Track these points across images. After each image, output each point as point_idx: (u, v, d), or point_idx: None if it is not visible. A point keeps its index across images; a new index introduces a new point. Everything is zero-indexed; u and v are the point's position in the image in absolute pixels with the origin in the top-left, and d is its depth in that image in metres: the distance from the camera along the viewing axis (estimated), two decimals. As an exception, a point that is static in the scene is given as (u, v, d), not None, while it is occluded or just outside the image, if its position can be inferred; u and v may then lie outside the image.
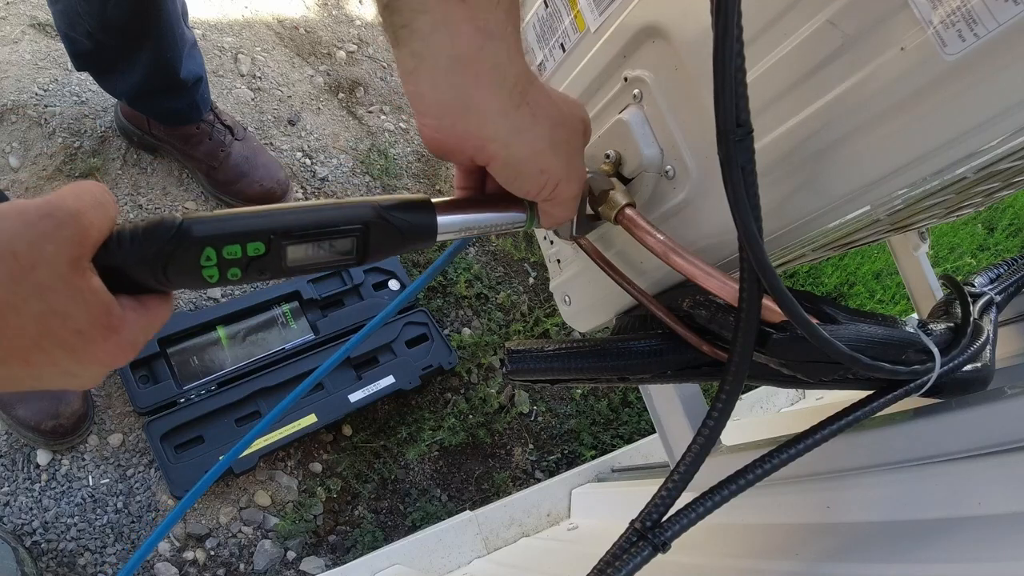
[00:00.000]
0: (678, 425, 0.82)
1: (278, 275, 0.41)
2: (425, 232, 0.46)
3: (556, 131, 0.45)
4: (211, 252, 0.38)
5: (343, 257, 0.43)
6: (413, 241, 0.45)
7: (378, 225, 0.43)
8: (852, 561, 0.56)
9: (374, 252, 0.43)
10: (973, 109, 0.37)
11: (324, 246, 0.42)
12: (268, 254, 0.40)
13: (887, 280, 1.98)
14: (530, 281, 1.72)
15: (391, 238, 0.44)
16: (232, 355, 1.32)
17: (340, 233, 0.42)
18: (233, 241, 0.39)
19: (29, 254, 0.33)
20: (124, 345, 0.36)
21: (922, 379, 0.52)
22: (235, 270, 0.39)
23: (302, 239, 0.40)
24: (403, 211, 0.44)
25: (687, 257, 0.50)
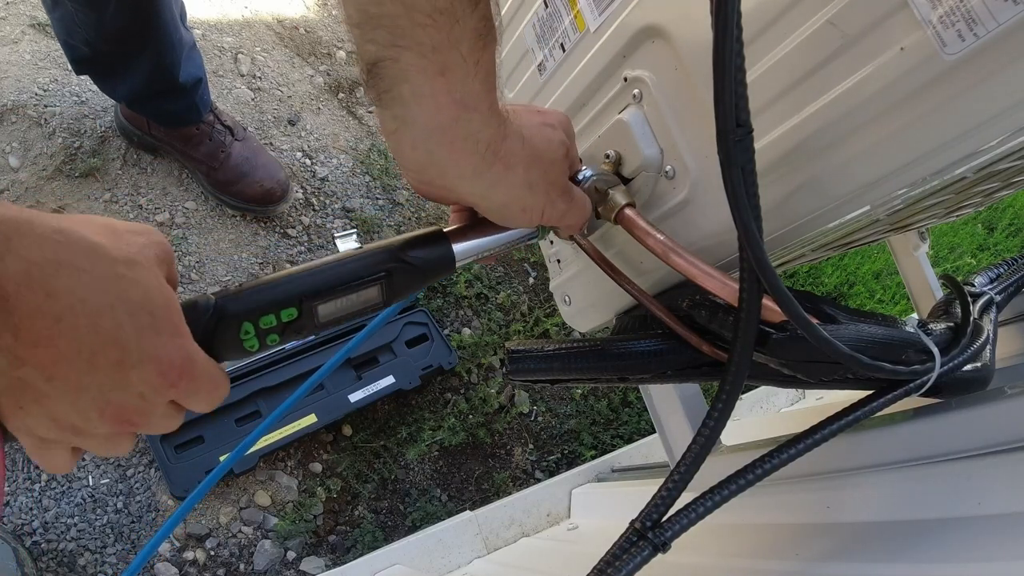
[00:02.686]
0: (678, 425, 0.82)
1: (314, 332, 0.44)
2: (444, 264, 0.48)
3: (530, 172, 0.47)
4: (249, 326, 0.40)
5: (371, 303, 0.45)
6: (435, 275, 0.48)
7: (399, 269, 0.45)
8: (852, 561, 0.56)
9: (400, 292, 0.46)
10: (973, 109, 0.37)
11: (352, 298, 0.44)
12: (301, 317, 0.42)
13: (887, 280, 1.98)
14: (530, 281, 1.72)
15: (413, 277, 0.46)
16: (232, 355, 1.32)
17: (365, 284, 0.44)
18: (267, 312, 0.41)
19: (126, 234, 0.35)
20: (186, 357, 0.35)
21: (922, 379, 0.52)
22: (273, 336, 0.42)
23: (330, 297, 0.43)
24: (420, 248, 0.47)
25: (687, 257, 0.50)
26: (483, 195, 0.47)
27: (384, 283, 0.45)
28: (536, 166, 0.48)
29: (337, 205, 1.62)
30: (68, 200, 1.38)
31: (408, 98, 0.41)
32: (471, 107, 0.42)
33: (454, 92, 0.41)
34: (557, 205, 0.50)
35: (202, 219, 1.47)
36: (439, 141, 0.43)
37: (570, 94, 0.65)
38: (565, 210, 0.51)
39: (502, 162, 0.46)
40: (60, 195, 1.38)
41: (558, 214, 0.51)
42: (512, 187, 0.47)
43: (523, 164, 0.47)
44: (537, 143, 0.48)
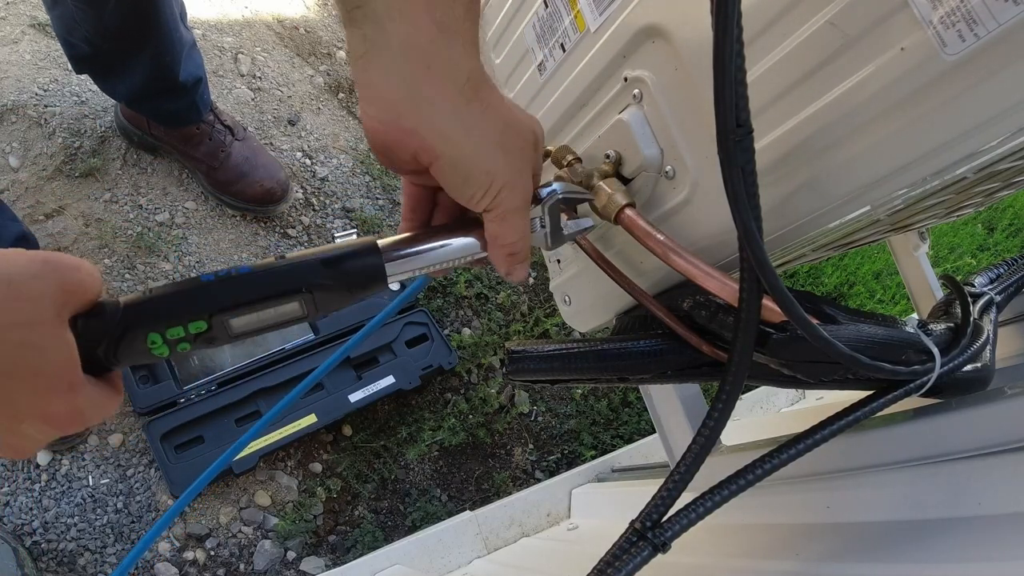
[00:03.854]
0: (678, 425, 0.82)
1: (229, 342, 0.42)
2: (373, 279, 0.44)
3: (506, 133, 0.43)
4: (155, 337, 0.39)
5: (292, 317, 0.42)
6: (362, 291, 0.44)
7: (321, 285, 0.42)
8: (852, 561, 0.56)
9: (324, 307, 0.43)
10: (973, 109, 0.37)
11: (269, 312, 0.41)
12: (211, 330, 0.40)
13: (887, 280, 1.98)
14: (530, 281, 1.72)
15: (338, 295, 0.43)
16: (232, 355, 1.32)
17: (283, 299, 0.41)
18: (175, 324, 0.39)
19: (23, 285, 0.33)
20: (74, 410, 0.36)
21: (922, 379, 0.52)
22: (184, 345, 0.40)
23: (244, 311, 0.41)
24: (348, 262, 0.43)
25: (687, 257, 0.50)
26: (452, 138, 0.41)
27: (304, 299, 0.42)
28: (513, 131, 0.44)
29: (337, 205, 1.62)
30: (68, 200, 1.38)
31: (382, 14, 0.37)
32: (452, 30, 0.38)
33: (434, 12, 0.37)
34: (517, 191, 0.45)
35: (202, 219, 1.47)
36: (415, 65, 0.38)
37: (570, 94, 0.65)
38: (519, 207, 0.46)
39: (480, 104, 0.41)
40: (60, 195, 1.38)
41: (513, 204, 0.45)
42: (486, 136, 0.42)
43: (502, 121, 0.43)
44: (516, 113, 0.45)
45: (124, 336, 0.38)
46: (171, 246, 1.42)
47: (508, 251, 0.47)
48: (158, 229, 1.42)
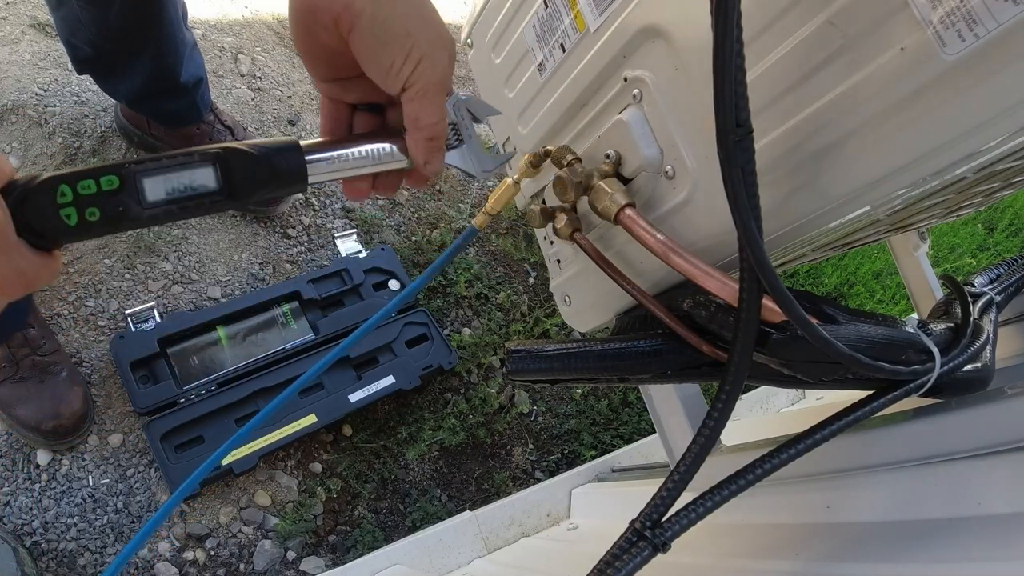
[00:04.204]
0: (678, 425, 0.82)
1: (140, 220, 0.41)
2: (291, 161, 0.44)
3: (427, 7, 0.44)
4: (66, 188, 0.39)
5: (209, 194, 0.42)
6: (281, 173, 0.44)
7: (238, 153, 0.42)
8: (852, 561, 0.56)
9: (241, 186, 0.42)
10: (973, 109, 0.37)
11: (184, 179, 0.41)
12: (124, 189, 0.40)
13: (887, 280, 1.98)
14: (530, 281, 1.72)
15: (255, 169, 0.43)
16: (232, 355, 1.32)
17: (197, 161, 0.41)
18: (87, 176, 0.39)
19: None
20: (14, 271, 0.38)
21: (922, 379, 0.52)
22: (93, 210, 0.40)
23: (157, 170, 0.40)
24: (267, 147, 0.43)
25: (687, 257, 0.50)
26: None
27: (219, 166, 0.42)
28: (433, 10, 0.45)
29: (337, 205, 1.62)
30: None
31: None
32: None
33: None
34: (437, 65, 0.45)
35: (202, 219, 1.47)
36: None
37: (570, 94, 0.65)
38: (439, 82, 0.46)
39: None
40: (60, 195, 1.38)
41: (433, 78, 0.45)
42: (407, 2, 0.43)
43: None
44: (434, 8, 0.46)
45: (38, 189, 0.38)
46: (171, 246, 1.42)
47: (427, 134, 0.47)
48: (158, 229, 1.42)
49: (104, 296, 1.33)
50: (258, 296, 1.38)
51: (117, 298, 1.34)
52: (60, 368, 1.19)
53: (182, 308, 1.37)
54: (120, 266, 1.37)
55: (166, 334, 1.28)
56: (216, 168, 0.42)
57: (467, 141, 0.53)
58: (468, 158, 0.53)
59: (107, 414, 1.25)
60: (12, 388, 1.15)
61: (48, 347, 1.19)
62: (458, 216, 1.72)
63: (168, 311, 1.36)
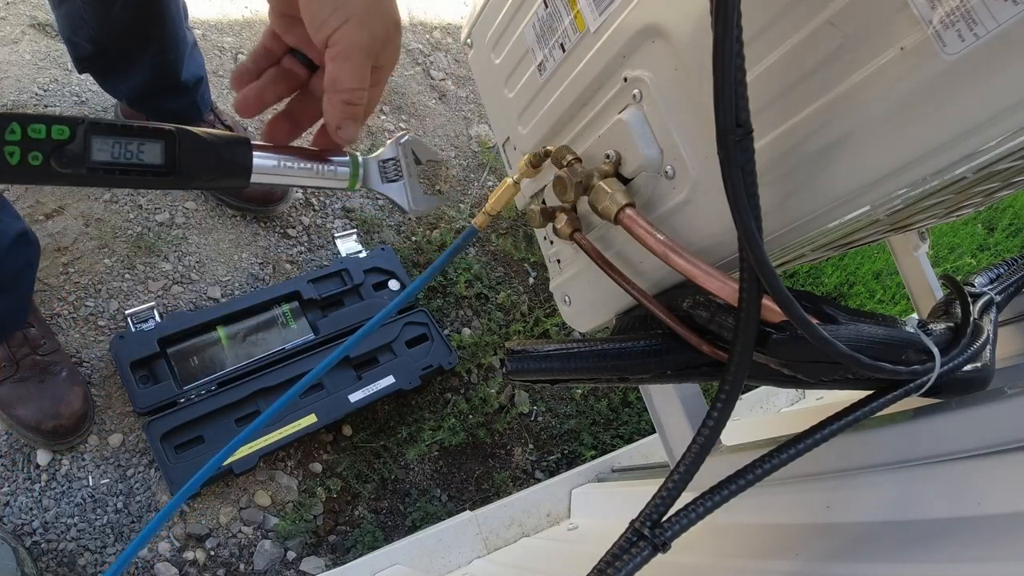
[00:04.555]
0: (678, 425, 0.82)
1: (80, 176, 0.42)
2: (238, 155, 0.46)
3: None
4: (16, 126, 0.40)
5: (155, 168, 0.43)
6: (226, 164, 0.45)
7: (189, 135, 0.44)
8: (852, 561, 0.56)
9: (185, 167, 0.44)
10: (973, 109, 0.37)
11: (132, 148, 0.42)
12: (72, 142, 0.41)
13: (887, 280, 1.98)
14: (530, 281, 1.72)
15: (202, 154, 0.44)
16: (232, 355, 1.32)
17: (147, 135, 0.43)
18: (39, 120, 0.40)
19: None
20: None
21: (922, 379, 0.52)
22: (36, 154, 0.40)
23: (109, 133, 0.42)
24: (217, 136, 0.45)
25: (687, 257, 0.50)
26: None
27: (167, 143, 0.43)
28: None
29: (337, 205, 1.62)
30: (68, 200, 1.38)
31: None
32: None
33: None
34: (365, 28, 0.45)
35: (202, 219, 1.47)
36: None
37: (570, 94, 0.65)
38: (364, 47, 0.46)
39: None
40: (60, 195, 1.38)
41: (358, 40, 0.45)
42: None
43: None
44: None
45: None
46: (171, 246, 1.42)
47: (344, 98, 0.47)
48: (158, 229, 1.43)
49: (104, 296, 1.33)
50: (258, 296, 1.38)
51: (117, 298, 1.34)
52: (60, 368, 1.19)
53: (182, 308, 1.37)
54: (120, 266, 1.37)
55: (166, 334, 1.28)
56: (164, 145, 0.44)
57: (405, 178, 0.56)
58: (403, 194, 0.56)
59: (107, 414, 1.25)
60: (12, 388, 1.15)
61: (48, 347, 1.19)
62: (458, 216, 1.72)
63: (168, 311, 1.36)
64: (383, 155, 0.58)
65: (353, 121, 0.48)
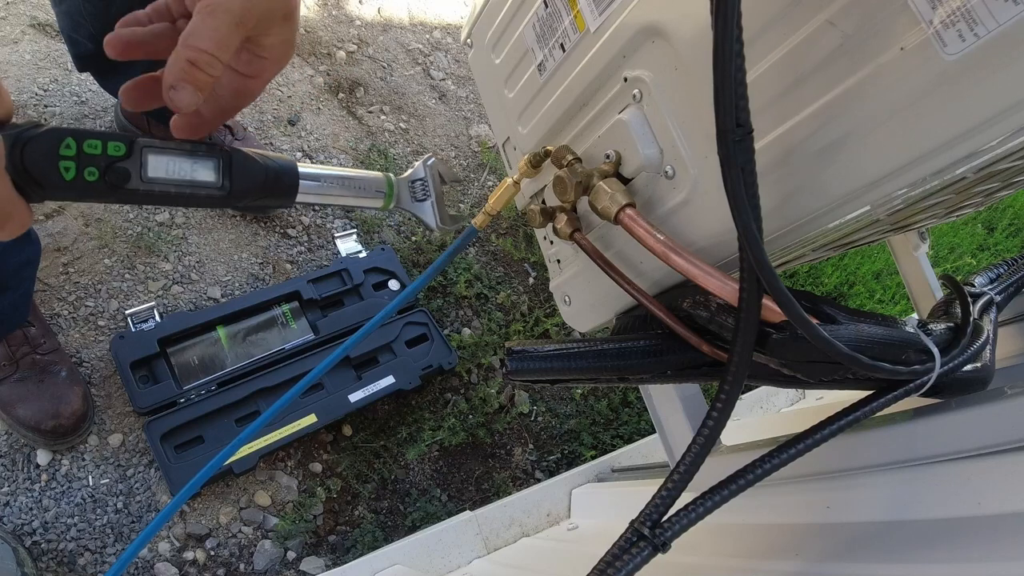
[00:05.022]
0: (678, 425, 0.81)
1: (136, 193, 0.42)
2: (285, 172, 0.47)
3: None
4: (71, 141, 0.40)
5: (207, 184, 0.44)
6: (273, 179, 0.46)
7: (242, 156, 0.45)
8: (852, 561, 0.56)
9: (238, 185, 0.45)
10: (973, 109, 0.37)
11: (186, 163, 0.43)
12: (129, 158, 0.41)
13: (887, 280, 1.98)
14: (530, 281, 1.72)
15: (253, 172, 0.45)
16: (232, 355, 1.32)
17: (202, 154, 0.44)
18: (95, 136, 0.40)
19: None
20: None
21: (922, 379, 0.52)
22: (92, 169, 0.40)
23: (164, 150, 0.43)
24: (269, 159, 0.47)
25: (687, 257, 0.50)
26: None
27: (221, 161, 0.44)
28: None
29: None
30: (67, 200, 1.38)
31: None
32: None
33: None
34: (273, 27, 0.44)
35: (202, 219, 1.47)
36: None
37: (570, 94, 0.65)
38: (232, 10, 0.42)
39: None
40: (60, 195, 1.38)
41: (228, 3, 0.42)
42: None
43: None
44: None
45: (44, 136, 0.39)
46: (171, 246, 1.42)
47: (191, 55, 0.42)
48: (158, 229, 1.42)
49: (104, 296, 1.33)
50: (258, 296, 1.38)
51: (117, 298, 1.34)
52: (60, 368, 1.19)
53: (182, 308, 1.37)
54: (120, 266, 1.37)
55: (166, 334, 1.28)
56: (219, 163, 0.44)
57: (432, 197, 0.59)
58: (431, 213, 0.59)
59: (107, 414, 1.25)
60: (12, 388, 1.15)
61: (48, 346, 1.19)
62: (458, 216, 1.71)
63: (168, 311, 1.36)
64: (413, 175, 0.60)
65: (192, 87, 0.43)
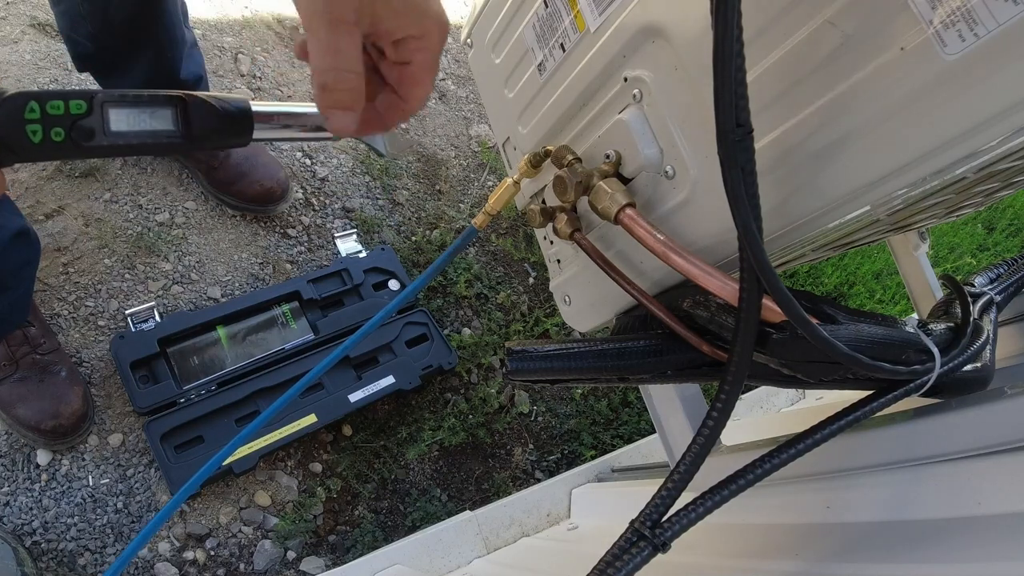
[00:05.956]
0: (678, 425, 0.81)
1: (101, 148, 0.44)
2: (238, 110, 0.48)
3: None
4: (35, 104, 0.41)
5: (168, 133, 0.45)
6: (232, 121, 0.48)
7: (195, 100, 0.46)
8: (852, 561, 0.56)
9: (196, 129, 0.46)
10: (973, 109, 0.37)
11: (146, 114, 0.45)
12: (90, 114, 0.43)
13: (887, 280, 1.98)
14: (530, 281, 1.72)
15: (209, 116, 0.46)
16: (232, 355, 1.32)
17: (160, 102, 0.45)
18: (57, 96, 0.42)
19: None
20: None
21: (922, 379, 0.52)
22: (58, 130, 0.42)
23: (123, 103, 0.44)
24: (222, 97, 0.48)
25: (687, 257, 0.50)
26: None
27: (179, 109, 0.45)
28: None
29: (337, 205, 1.62)
30: (68, 200, 1.38)
31: None
32: None
33: None
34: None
35: (202, 219, 1.47)
36: None
37: (570, 94, 0.65)
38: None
39: None
40: (60, 195, 1.38)
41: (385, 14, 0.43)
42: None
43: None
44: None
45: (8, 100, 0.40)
46: (171, 246, 1.42)
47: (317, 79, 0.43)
48: (158, 229, 1.43)
49: (104, 296, 1.33)
50: (258, 296, 1.38)
51: (117, 298, 1.34)
52: (60, 368, 1.19)
53: (182, 308, 1.37)
54: (120, 266, 1.37)
55: (166, 334, 1.28)
56: (176, 111, 0.46)
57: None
58: (379, 140, 0.60)
59: (107, 414, 1.25)
60: (12, 388, 1.15)
61: (48, 346, 1.19)
62: (458, 216, 1.72)
63: (168, 311, 1.36)
64: None
65: (339, 110, 0.44)
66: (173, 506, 0.62)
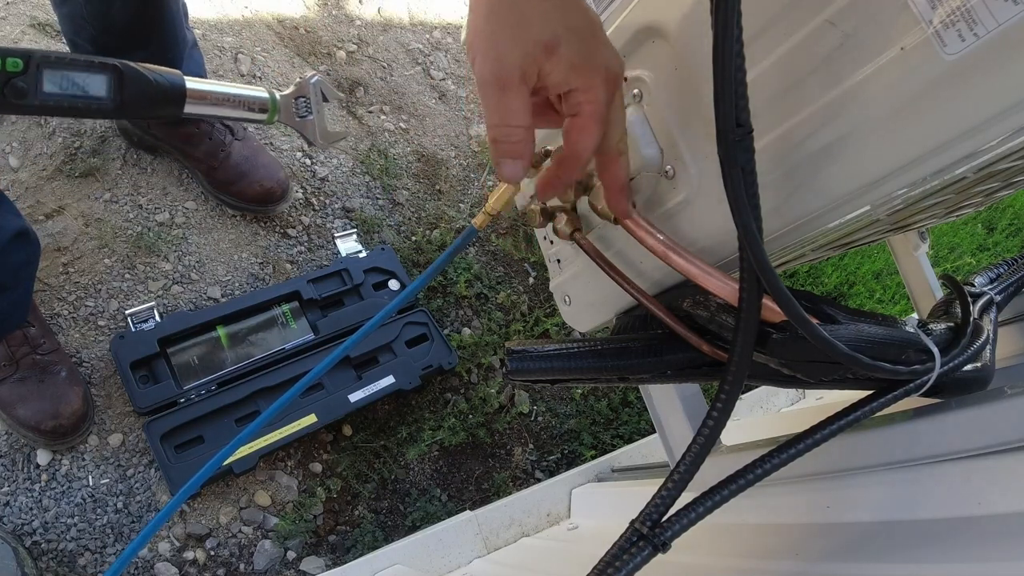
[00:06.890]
0: (678, 425, 0.81)
1: (31, 107, 0.45)
2: (173, 82, 0.49)
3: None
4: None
5: (99, 98, 0.47)
6: (163, 94, 0.49)
7: (130, 70, 0.47)
8: (852, 561, 0.56)
9: (128, 98, 0.47)
10: (973, 109, 0.37)
11: (80, 78, 0.46)
12: (26, 73, 0.44)
13: (887, 280, 1.98)
14: (530, 281, 1.72)
15: (143, 86, 0.48)
16: (232, 355, 1.32)
17: (94, 68, 0.46)
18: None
19: None
20: None
21: (922, 379, 0.52)
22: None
23: (59, 66, 0.45)
24: (157, 69, 0.49)
25: (687, 257, 0.50)
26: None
27: (114, 77, 0.46)
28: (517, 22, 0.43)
29: (337, 205, 1.62)
30: (68, 200, 1.38)
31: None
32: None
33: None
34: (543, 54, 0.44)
35: (202, 219, 1.47)
36: None
37: (570, 94, 0.65)
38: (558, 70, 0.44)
39: None
40: (60, 195, 1.38)
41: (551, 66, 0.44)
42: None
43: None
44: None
45: None
46: (171, 246, 1.42)
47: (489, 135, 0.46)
48: (158, 229, 1.42)
49: (104, 296, 1.33)
50: (258, 296, 1.38)
51: (117, 298, 1.34)
52: (60, 368, 1.19)
53: (182, 308, 1.37)
54: (120, 266, 1.37)
55: (166, 334, 1.28)
56: (111, 79, 0.47)
57: (314, 115, 0.64)
58: (312, 129, 0.64)
59: (107, 414, 1.25)
60: (12, 388, 1.15)
61: (48, 346, 1.19)
62: (458, 216, 1.72)
63: (168, 311, 1.36)
64: (297, 92, 0.65)
65: (508, 160, 0.47)
66: (173, 506, 0.62)
